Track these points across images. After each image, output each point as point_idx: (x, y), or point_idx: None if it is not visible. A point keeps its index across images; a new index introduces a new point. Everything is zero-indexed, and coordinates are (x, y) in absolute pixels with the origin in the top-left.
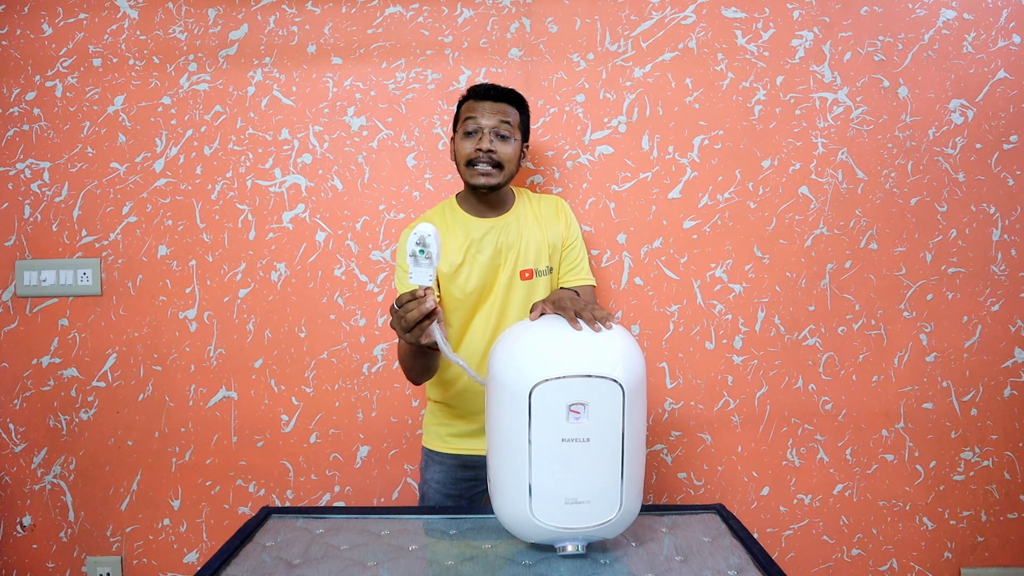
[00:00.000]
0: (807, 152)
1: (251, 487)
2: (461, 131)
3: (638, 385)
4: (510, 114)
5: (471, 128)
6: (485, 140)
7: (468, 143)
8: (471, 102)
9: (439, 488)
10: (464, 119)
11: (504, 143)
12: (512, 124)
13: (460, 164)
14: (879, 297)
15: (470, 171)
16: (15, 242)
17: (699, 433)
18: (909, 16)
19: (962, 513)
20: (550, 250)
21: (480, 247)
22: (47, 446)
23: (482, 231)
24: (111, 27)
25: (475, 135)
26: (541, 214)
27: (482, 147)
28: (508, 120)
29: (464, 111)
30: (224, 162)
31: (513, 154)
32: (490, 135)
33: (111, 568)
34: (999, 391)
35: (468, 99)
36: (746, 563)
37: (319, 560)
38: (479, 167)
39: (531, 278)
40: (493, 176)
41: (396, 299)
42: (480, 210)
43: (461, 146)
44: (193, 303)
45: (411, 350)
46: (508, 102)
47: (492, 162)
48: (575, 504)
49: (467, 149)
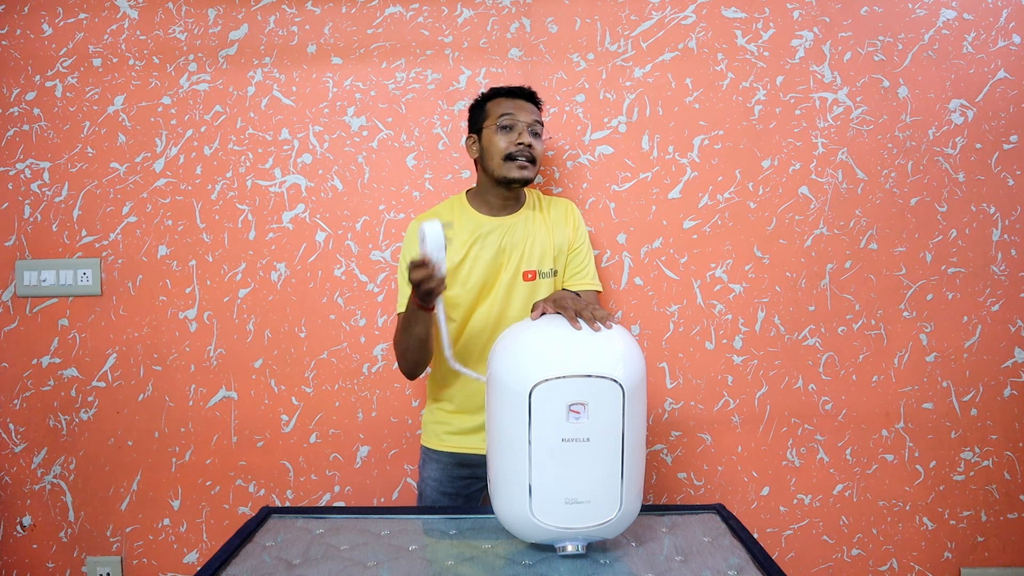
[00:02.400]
0: (807, 152)
1: (251, 487)
2: (494, 126)
3: (638, 385)
4: (539, 115)
5: (508, 123)
6: (525, 135)
7: (505, 138)
8: (503, 99)
9: (436, 486)
10: (498, 115)
11: (537, 141)
12: (542, 124)
13: (494, 158)
14: (879, 297)
15: (508, 165)
16: (15, 242)
17: (699, 433)
18: (909, 16)
19: (962, 513)
20: (555, 252)
21: (484, 244)
22: (47, 446)
23: (488, 228)
24: (111, 27)
25: (512, 130)
26: (550, 217)
27: (523, 142)
28: (539, 119)
29: (496, 108)
30: (224, 162)
31: (543, 152)
32: (528, 131)
33: (111, 568)
34: (999, 391)
35: (497, 97)
36: (746, 563)
37: (319, 560)
38: (518, 161)
39: (534, 279)
40: (529, 170)
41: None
42: (491, 207)
43: (496, 140)
44: (193, 303)
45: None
46: (535, 103)
47: (530, 157)
48: (575, 504)
49: (504, 144)
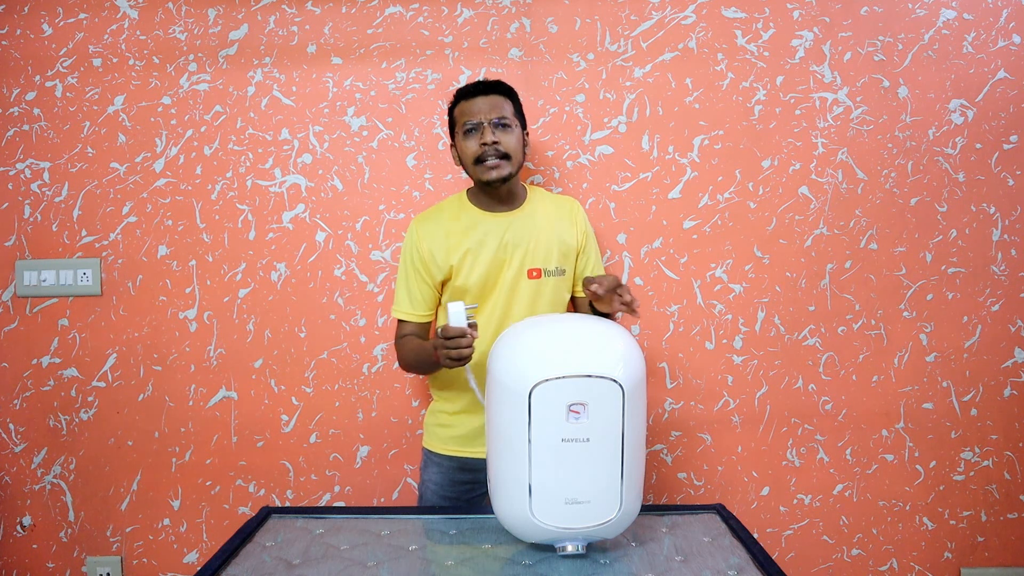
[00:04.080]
0: (807, 152)
1: (251, 487)
2: (460, 132)
3: (638, 385)
4: (504, 104)
5: (470, 126)
6: (488, 133)
7: (471, 141)
8: (462, 103)
9: (436, 490)
10: (461, 120)
11: (506, 132)
12: (508, 114)
13: (468, 164)
14: (879, 297)
15: (480, 168)
16: (15, 242)
17: (699, 433)
18: (909, 16)
19: (962, 513)
20: (563, 250)
21: (484, 241)
22: (47, 446)
23: (488, 225)
24: (111, 27)
25: (476, 131)
26: (554, 214)
27: (486, 140)
28: (504, 110)
29: (458, 113)
30: (224, 162)
31: (517, 143)
32: (491, 128)
33: (111, 568)
34: (999, 391)
35: (459, 101)
36: (746, 563)
37: (319, 560)
38: (488, 161)
39: (539, 277)
40: (503, 167)
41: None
42: (490, 205)
43: (465, 146)
44: (193, 303)
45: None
46: (498, 93)
47: (499, 154)
48: (575, 504)
49: (472, 147)
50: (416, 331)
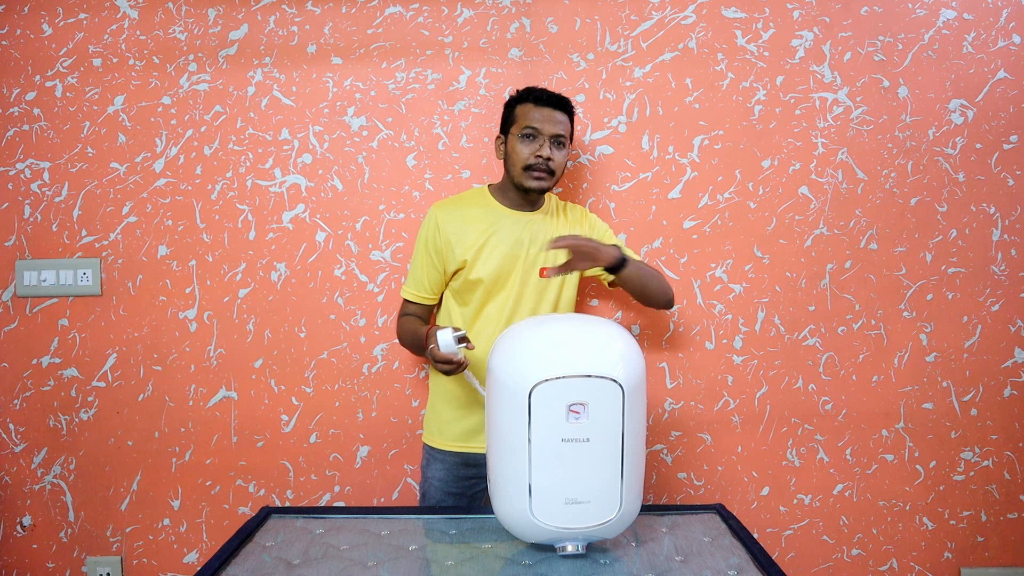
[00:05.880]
0: (807, 152)
1: (251, 487)
2: (518, 133)
3: (638, 385)
4: (566, 123)
5: (529, 132)
6: (546, 148)
7: (526, 147)
8: (530, 106)
9: (440, 486)
10: (523, 123)
11: (559, 151)
12: (566, 133)
13: (515, 165)
14: (879, 297)
15: (526, 175)
16: (15, 242)
17: (699, 433)
18: (909, 16)
19: (962, 513)
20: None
21: (501, 235)
22: (47, 446)
23: (507, 222)
24: (111, 27)
25: (534, 140)
26: (568, 220)
27: (542, 154)
28: (565, 129)
29: (522, 114)
30: (224, 162)
31: (564, 162)
32: (549, 143)
33: (111, 568)
34: (999, 391)
35: (525, 102)
36: (746, 563)
37: (319, 560)
38: (535, 172)
39: (548, 277)
40: (546, 181)
41: (431, 354)
42: (513, 203)
43: (519, 149)
44: (193, 303)
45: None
46: (564, 110)
47: (548, 169)
48: (575, 504)
49: (525, 153)
50: (418, 312)
